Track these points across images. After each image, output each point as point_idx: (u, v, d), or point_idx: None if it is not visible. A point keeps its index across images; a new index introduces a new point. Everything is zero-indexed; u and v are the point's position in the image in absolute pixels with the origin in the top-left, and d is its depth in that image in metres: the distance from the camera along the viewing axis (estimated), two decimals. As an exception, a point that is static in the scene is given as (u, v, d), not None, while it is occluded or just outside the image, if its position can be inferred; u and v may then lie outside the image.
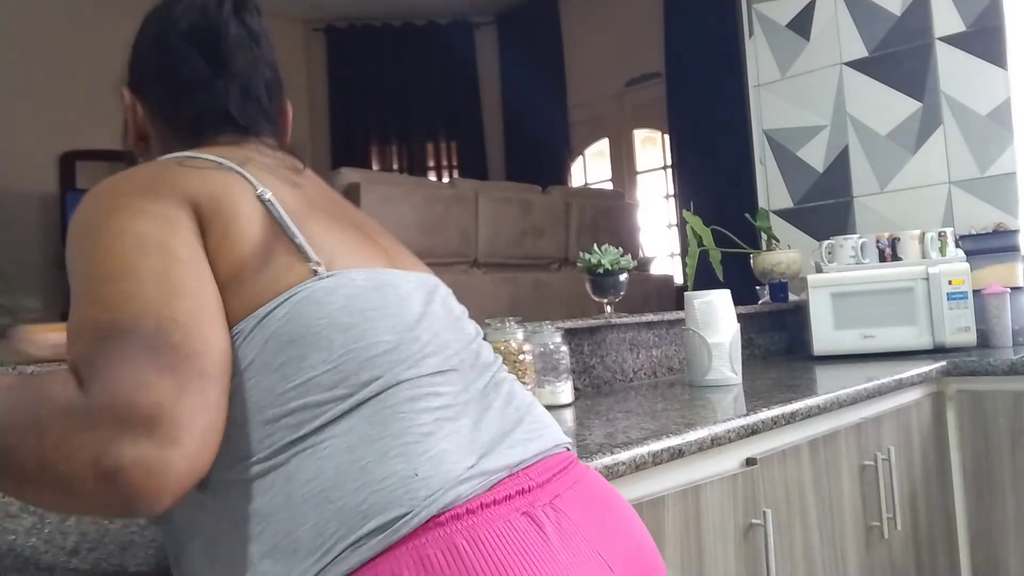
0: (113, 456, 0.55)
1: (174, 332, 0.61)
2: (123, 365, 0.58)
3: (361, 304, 0.71)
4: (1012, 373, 1.86)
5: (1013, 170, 2.42)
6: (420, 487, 0.63)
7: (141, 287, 0.63)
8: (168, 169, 0.74)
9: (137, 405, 0.56)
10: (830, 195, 2.80)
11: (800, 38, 2.85)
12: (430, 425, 0.68)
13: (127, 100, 0.89)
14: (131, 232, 0.66)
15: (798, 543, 1.45)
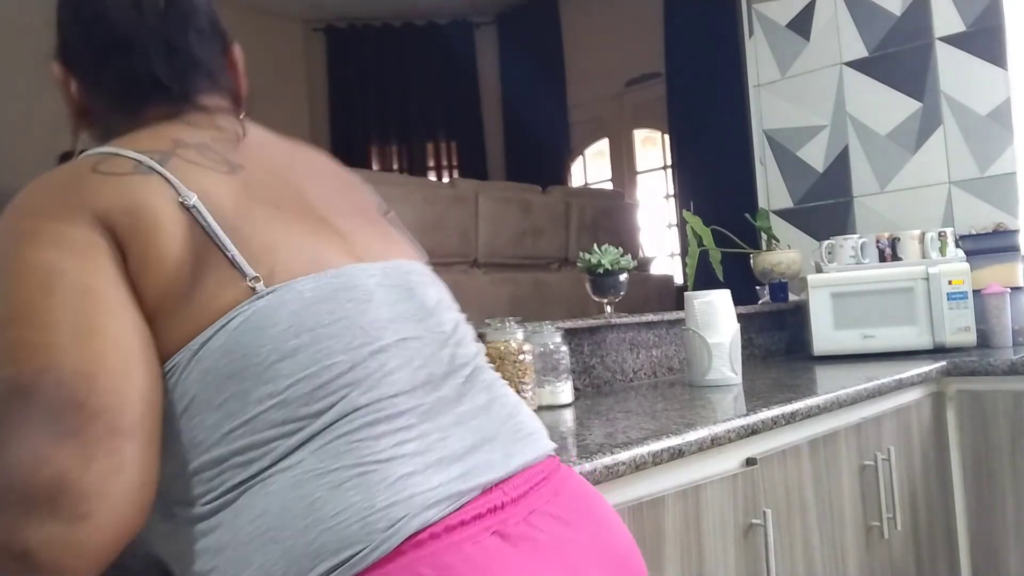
0: (20, 540, 0.51)
1: (79, 387, 0.55)
2: (21, 434, 0.53)
3: (310, 321, 0.64)
4: (1012, 373, 1.86)
5: (1013, 170, 2.42)
6: (379, 519, 0.58)
7: (43, 334, 0.56)
8: (82, 179, 0.65)
9: (36, 484, 0.52)
10: (830, 195, 2.80)
11: (800, 38, 2.85)
12: (391, 450, 0.62)
13: (57, 74, 0.79)
14: (36, 265, 0.59)
15: (798, 543, 1.45)
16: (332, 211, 0.75)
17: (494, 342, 1.54)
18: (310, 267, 0.67)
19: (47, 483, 0.52)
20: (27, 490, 0.52)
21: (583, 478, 0.80)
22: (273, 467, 0.60)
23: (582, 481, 0.78)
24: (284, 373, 0.61)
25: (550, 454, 0.76)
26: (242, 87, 0.87)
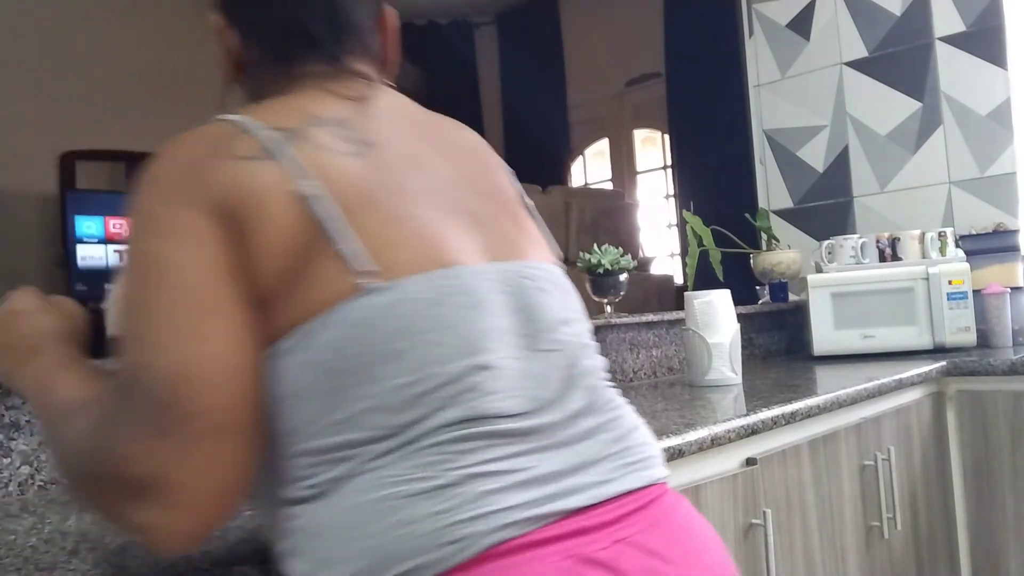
0: (127, 517, 0.57)
1: (176, 387, 0.57)
2: (123, 427, 0.57)
3: (415, 325, 0.62)
4: (1012, 373, 1.86)
5: (1013, 170, 2.42)
6: (452, 532, 0.58)
7: (149, 329, 0.59)
8: (206, 161, 0.64)
9: (134, 475, 0.56)
10: (830, 195, 2.80)
11: (800, 38, 2.85)
12: (478, 467, 0.60)
13: (216, 24, 0.80)
14: (152, 255, 0.61)
15: (798, 543, 1.45)
16: (465, 199, 0.73)
17: (494, 342, 1.54)
18: (427, 263, 0.64)
19: (144, 475, 0.55)
20: (126, 479, 0.56)
21: (693, 509, 0.74)
22: (362, 468, 0.60)
23: (691, 513, 0.72)
24: (384, 376, 0.61)
25: (656, 481, 0.71)
26: (391, 54, 0.86)
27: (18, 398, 1.12)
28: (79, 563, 0.74)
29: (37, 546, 0.81)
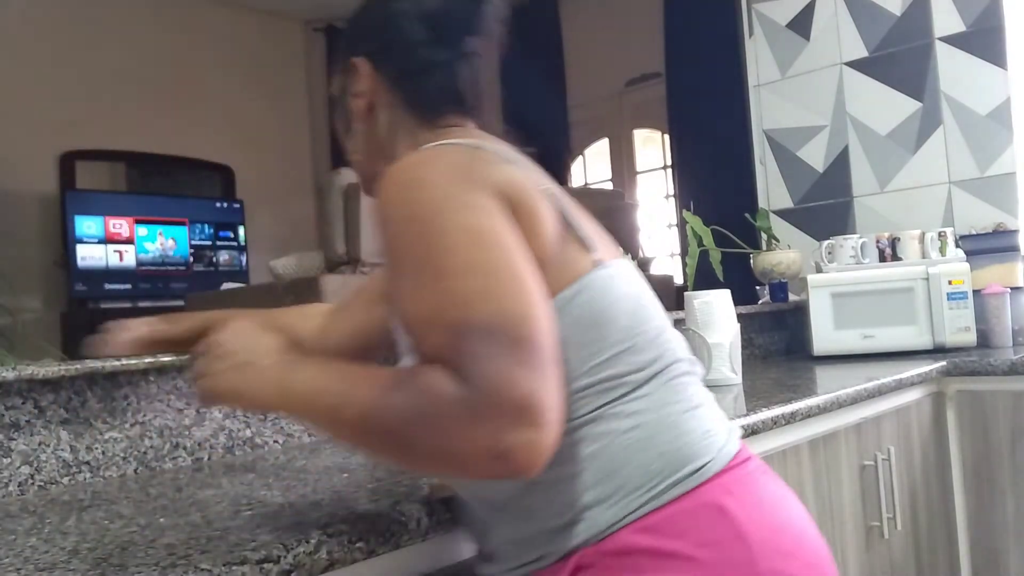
0: (504, 443, 0.64)
1: (523, 326, 0.67)
2: (491, 363, 0.65)
3: (633, 291, 0.82)
4: (1012, 373, 1.86)
5: (1013, 170, 2.42)
6: (712, 442, 0.79)
7: (487, 283, 0.69)
8: (472, 159, 0.77)
9: (513, 399, 0.64)
10: (830, 195, 2.80)
11: (800, 38, 2.85)
12: (697, 398, 0.82)
13: (365, 70, 0.90)
14: (467, 227, 0.71)
15: (798, 543, 1.45)
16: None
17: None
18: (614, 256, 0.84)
19: (521, 399, 0.64)
20: (509, 403, 0.64)
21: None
22: (630, 394, 0.77)
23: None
24: (627, 326, 0.79)
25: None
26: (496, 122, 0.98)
27: (18, 397, 1.12)
28: (79, 563, 0.74)
29: (37, 546, 0.82)
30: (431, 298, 0.69)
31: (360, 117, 0.91)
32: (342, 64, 0.93)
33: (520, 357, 0.65)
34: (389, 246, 0.74)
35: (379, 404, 0.68)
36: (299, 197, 6.26)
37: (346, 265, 3.29)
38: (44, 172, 5.22)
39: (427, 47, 0.89)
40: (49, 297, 5.22)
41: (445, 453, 0.67)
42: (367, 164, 0.93)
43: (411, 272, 0.72)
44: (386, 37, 0.90)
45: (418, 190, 0.74)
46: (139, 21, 5.61)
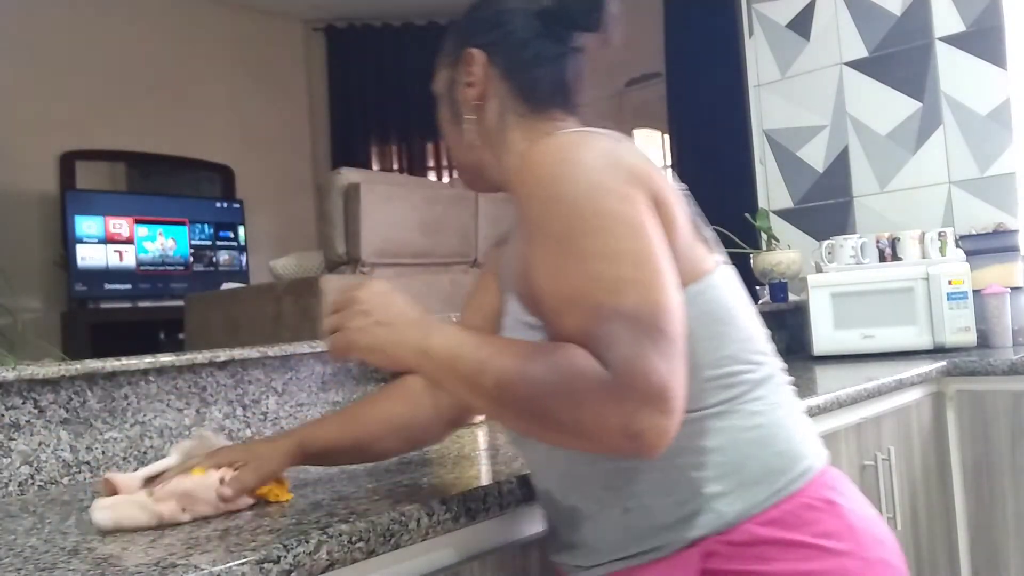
0: (637, 424, 0.69)
1: (662, 318, 0.71)
2: (632, 348, 0.70)
3: (744, 296, 0.88)
4: (1012, 373, 1.86)
5: (1013, 170, 2.42)
6: (812, 444, 0.87)
7: (635, 272, 0.72)
8: (617, 148, 0.81)
9: (650, 385, 0.69)
10: (830, 195, 2.80)
11: (800, 38, 2.85)
12: (797, 403, 0.89)
13: (479, 60, 0.92)
14: (617, 214, 0.75)
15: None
16: None
17: (494, 342, 1.54)
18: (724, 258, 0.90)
19: (657, 386, 0.69)
20: (645, 389, 0.69)
21: None
22: (749, 393, 0.82)
23: None
24: (742, 325, 0.84)
25: None
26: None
27: (18, 397, 1.12)
28: (79, 563, 0.74)
29: (37, 546, 0.82)
30: (577, 279, 0.73)
31: (471, 107, 0.94)
32: (451, 58, 0.96)
33: (658, 347, 0.70)
34: (532, 221, 0.78)
35: (520, 374, 0.72)
36: (299, 197, 6.26)
37: (346, 265, 3.29)
38: (44, 172, 5.22)
39: (540, 40, 0.92)
40: (49, 297, 5.22)
41: (580, 426, 0.71)
42: (472, 153, 0.96)
43: (555, 250, 0.75)
44: (501, 30, 0.93)
45: (570, 170, 0.76)
46: (139, 21, 5.61)
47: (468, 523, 0.91)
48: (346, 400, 1.46)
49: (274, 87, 6.29)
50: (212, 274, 5.58)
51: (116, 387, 1.21)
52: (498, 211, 3.78)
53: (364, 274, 3.23)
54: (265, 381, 1.36)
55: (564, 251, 0.75)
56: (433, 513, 0.87)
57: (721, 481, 0.79)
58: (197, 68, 5.89)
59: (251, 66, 6.14)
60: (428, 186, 4.37)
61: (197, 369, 1.29)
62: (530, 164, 0.79)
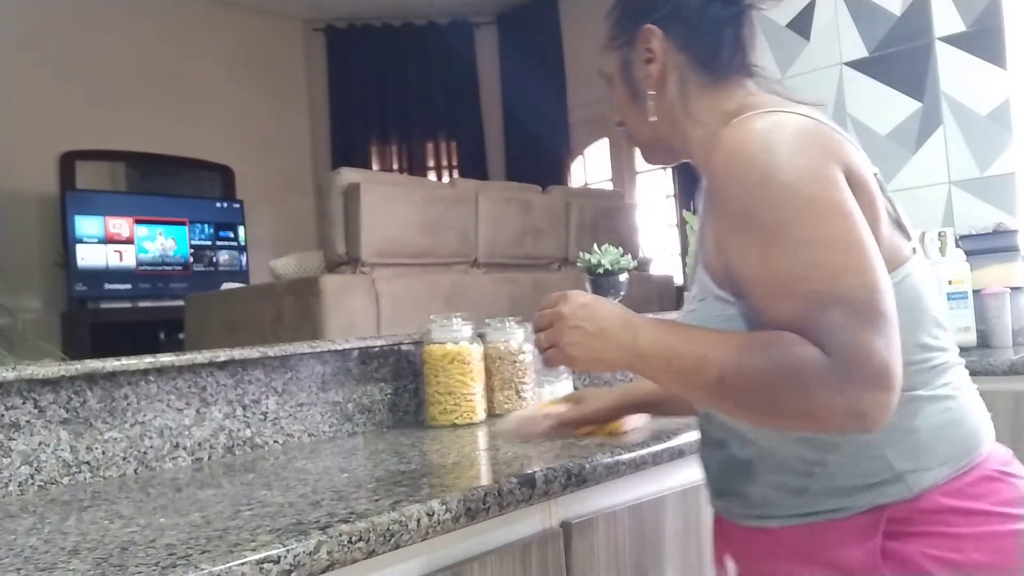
0: (863, 404, 0.72)
1: (878, 300, 0.75)
2: (852, 332, 0.73)
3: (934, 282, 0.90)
4: (1012, 373, 1.85)
5: (1013, 170, 2.42)
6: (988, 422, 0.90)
7: (848, 258, 0.76)
8: (819, 131, 0.82)
9: (873, 366, 0.72)
10: (830, 195, 2.80)
11: (800, 38, 2.85)
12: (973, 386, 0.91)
13: (657, 35, 0.93)
14: (825, 200, 0.77)
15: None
16: None
17: (494, 342, 1.54)
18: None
19: (879, 365, 0.73)
20: (869, 371, 0.72)
21: None
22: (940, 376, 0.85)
23: None
24: (936, 316, 0.87)
25: None
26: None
27: (18, 397, 1.12)
28: (79, 563, 0.74)
29: (37, 546, 0.82)
30: (790, 267, 0.76)
31: (652, 83, 0.95)
32: (623, 38, 0.97)
33: (877, 327, 0.74)
34: (736, 208, 0.80)
35: (740, 367, 0.76)
36: (299, 197, 6.26)
37: (346, 265, 3.29)
38: (44, 172, 5.22)
39: (713, 5, 0.93)
40: (49, 297, 5.22)
41: (807, 412, 0.75)
42: (657, 129, 0.97)
43: (764, 238, 0.77)
44: (673, 2, 0.93)
45: (774, 155, 0.78)
46: (139, 21, 5.61)
47: (468, 523, 0.91)
48: (346, 400, 1.46)
49: (274, 87, 6.29)
50: (212, 274, 5.59)
51: (116, 387, 1.21)
52: (498, 211, 3.78)
53: (364, 274, 3.23)
54: (265, 381, 1.36)
55: (773, 239, 0.77)
56: (433, 513, 0.87)
57: (912, 459, 0.83)
58: (197, 68, 5.89)
59: (251, 66, 6.14)
60: (428, 186, 4.38)
61: (197, 369, 1.29)
62: (732, 150, 0.80)
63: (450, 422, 1.44)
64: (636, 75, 0.96)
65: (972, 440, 0.86)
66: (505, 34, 6.69)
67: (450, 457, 1.17)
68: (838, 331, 0.73)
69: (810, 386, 0.73)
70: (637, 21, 0.95)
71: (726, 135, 0.81)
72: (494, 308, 3.35)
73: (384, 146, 6.70)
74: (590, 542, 1.08)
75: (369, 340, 1.50)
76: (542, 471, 1.00)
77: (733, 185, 0.79)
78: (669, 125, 0.95)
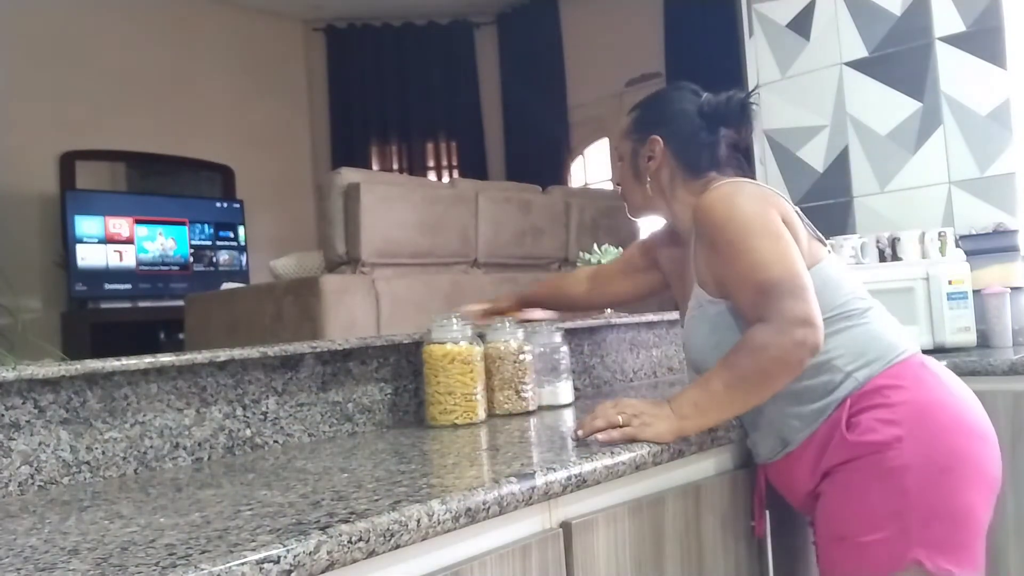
0: (797, 337, 1.15)
1: (796, 277, 1.19)
2: (780, 300, 1.17)
3: (845, 268, 1.37)
4: (1012, 373, 1.85)
5: (1013, 170, 2.42)
6: (907, 336, 1.30)
7: (779, 259, 1.20)
8: (760, 192, 1.30)
9: (795, 313, 1.16)
10: (830, 195, 2.80)
11: (800, 38, 2.85)
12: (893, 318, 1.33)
13: (658, 143, 1.39)
14: (765, 229, 1.23)
15: (799, 542, 1.45)
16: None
17: (494, 342, 1.54)
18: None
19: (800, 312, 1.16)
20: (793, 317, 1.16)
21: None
22: (861, 315, 1.27)
23: None
24: (848, 287, 1.30)
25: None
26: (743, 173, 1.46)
27: (18, 397, 1.12)
28: (79, 563, 0.74)
29: (37, 546, 0.82)
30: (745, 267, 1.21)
31: (651, 174, 1.41)
32: (635, 136, 1.43)
33: (795, 293, 1.17)
34: (715, 239, 1.25)
35: (733, 373, 1.19)
36: (299, 197, 6.26)
37: (346, 265, 3.29)
38: (44, 172, 5.22)
39: (700, 132, 1.39)
40: (49, 297, 5.22)
41: (776, 361, 1.17)
42: (647, 201, 1.43)
43: (731, 252, 1.23)
44: (675, 124, 1.41)
45: (733, 205, 1.25)
46: (139, 21, 5.61)
47: (468, 523, 0.91)
48: (346, 400, 1.46)
49: (274, 87, 6.30)
50: (212, 274, 5.59)
51: (116, 387, 1.21)
52: (498, 211, 3.78)
53: (364, 274, 3.23)
54: (265, 381, 1.36)
55: (737, 253, 1.22)
56: (433, 513, 0.87)
57: (854, 361, 1.23)
58: (197, 68, 5.89)
59: (251, 66, 6.14)
60: (428, 186, 4.38)
61: (197, 369, 1.29)
62: (710, 204, 1.27)
63: (450, 422, 1.44)
64: (640, 164, 1.42)
65: (893, 345, 1.25)
66: (505, 34, 6.69)
67: (450, 457, 1.17)
68: (773, 301, 1.17)
69: (768, 346, 1.16)
70: (648, 130, 1.41)
71: (705, 197, 1.29)
72: (494, 308, 3.34)
73: (384, 146, 6.71)
74: (590, 542, 1.08)
75: (369, 340, 1.50)
76: (542, 471, 1.00)
77: (711, 224, 1.26)
78: (658, 198, 1.42)
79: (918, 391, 1.21)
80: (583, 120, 6.24)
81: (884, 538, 1.16)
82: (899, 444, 1.17)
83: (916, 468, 1.16)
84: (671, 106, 1.42)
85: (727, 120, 1.41)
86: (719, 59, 4.87)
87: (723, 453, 1.33)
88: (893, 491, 1.16)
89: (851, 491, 1.19)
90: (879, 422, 1.18)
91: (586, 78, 6.12)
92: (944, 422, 1.20)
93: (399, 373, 1.54)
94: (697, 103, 1.40)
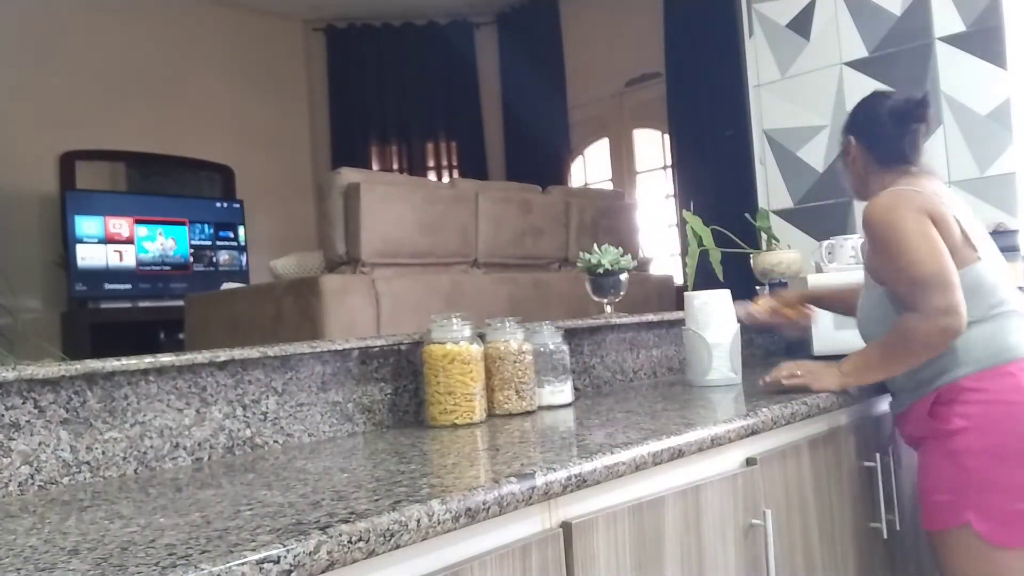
0: (940, 324, 1.44)
1: (945, 274, 1.45)
2: (932, 293, 1.44)
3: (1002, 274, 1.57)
4: (1012, 373, 1.85)
5: (1013, 170, 2.42)
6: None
7: (930, 259, 1.46)
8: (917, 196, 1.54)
9: (941, 304, 1.44)
10: (830, 195, 2.80)
11: (800, 38, 2.85)
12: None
13: (854, 144, 1.71)
14: (918, 233, 1.49)
15: (798, 543, 1.45)
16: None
17: (494, 342, 1.54)
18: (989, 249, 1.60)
19: (945, 304, 1.44)
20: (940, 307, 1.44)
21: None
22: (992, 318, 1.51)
23: None
24: (1002, 295, 1.53)
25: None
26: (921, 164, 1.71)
27: (18, 397, 1.12)
28: (79, 563, 0.74)
29: (37, 546, 0.82)
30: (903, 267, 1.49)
31: (849, 166, 1.75)
32: (841, 138, 1.75)
33: (942, 289, 1.44)
34: (880, 240, 1.54)
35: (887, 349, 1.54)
36: (299, 197, 6.26)
37: (346, 265, 3.29)
38: (44, 172, 5.22)
39: (891, 129, 1.65)
40: (49, 297, 5.22)
41: (923, 342, 1.47)
42: (853, 189, 1.77)
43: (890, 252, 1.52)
44: (868, 127, 1.69)
45: (894, 211, 1.52)
46: (139, 21, 5.61)
47: (468, 523, 0.91)
48: (345, 400, 1.46)
49: (274, 87, 6.30)
50: (212, 274, 5.59)
51: (116, 387, 1.21)
52: (498, 211, 3.78)
53: (364, 273, 3.23)
54: (265, 381, 1.36)
55: (892, 255, 1.52)
56: (433, 513, 0.87)
57: (953, 361, 1.50)
58: (197, 68, 5.89)
59: (251, 66, 6.14)
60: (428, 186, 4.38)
61: (197, 369, 1.29)
62: (871, 211, 1.56)
63: (450, 422, 1.44)
64: (845, 159, 1.76)
65: (1003, 352, 1.49)
66: (505, 34, 6.69)
67: (450, 457, 1.17)
68: (921, 294, 1.46)
69: (916, 330, 1.47)
70: (850, 131, 1.73)
71: (869, 204, 1.58)
72: (494, 308, 3.35)
73: (384, 146, 6.70)
74: (590, 542, 1.08)
75: (369, 340, 1.50)
76: (542, 471, 1.00)
77: (870, 228, 1.56)
78: (859, 185, 1.74)
79: (994, 395, 1.47)
80: (583, 120, 6.24)
81: (946, 500, 1.48)
82: (965, 433, 1.47)
83: (976, 453, 1.46)
84: (862, 110, 1.72)
85: (915, 115, 1.64)
86: (719, 59, 4.87)
87: (723, 453, 1.33)
88: (957, 468, 1.47)
89: (927, 461, 1.55)
90: (954, 415, 1.48)
91: (586, 78, 6.12)
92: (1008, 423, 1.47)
93: (399, 373, 1.54)
94: (887, 106, 1.66)
